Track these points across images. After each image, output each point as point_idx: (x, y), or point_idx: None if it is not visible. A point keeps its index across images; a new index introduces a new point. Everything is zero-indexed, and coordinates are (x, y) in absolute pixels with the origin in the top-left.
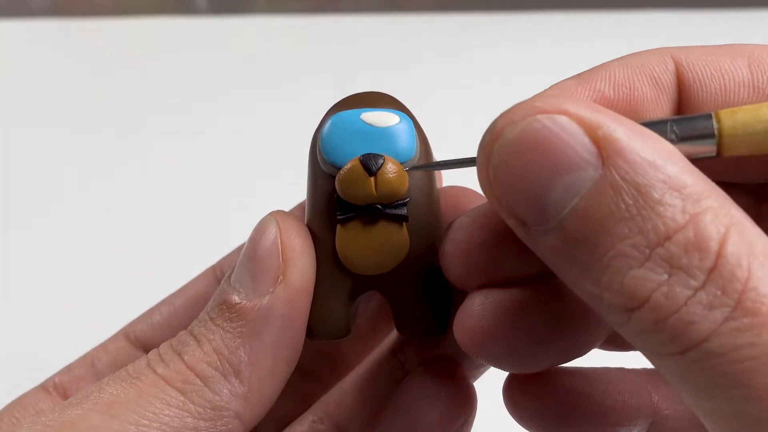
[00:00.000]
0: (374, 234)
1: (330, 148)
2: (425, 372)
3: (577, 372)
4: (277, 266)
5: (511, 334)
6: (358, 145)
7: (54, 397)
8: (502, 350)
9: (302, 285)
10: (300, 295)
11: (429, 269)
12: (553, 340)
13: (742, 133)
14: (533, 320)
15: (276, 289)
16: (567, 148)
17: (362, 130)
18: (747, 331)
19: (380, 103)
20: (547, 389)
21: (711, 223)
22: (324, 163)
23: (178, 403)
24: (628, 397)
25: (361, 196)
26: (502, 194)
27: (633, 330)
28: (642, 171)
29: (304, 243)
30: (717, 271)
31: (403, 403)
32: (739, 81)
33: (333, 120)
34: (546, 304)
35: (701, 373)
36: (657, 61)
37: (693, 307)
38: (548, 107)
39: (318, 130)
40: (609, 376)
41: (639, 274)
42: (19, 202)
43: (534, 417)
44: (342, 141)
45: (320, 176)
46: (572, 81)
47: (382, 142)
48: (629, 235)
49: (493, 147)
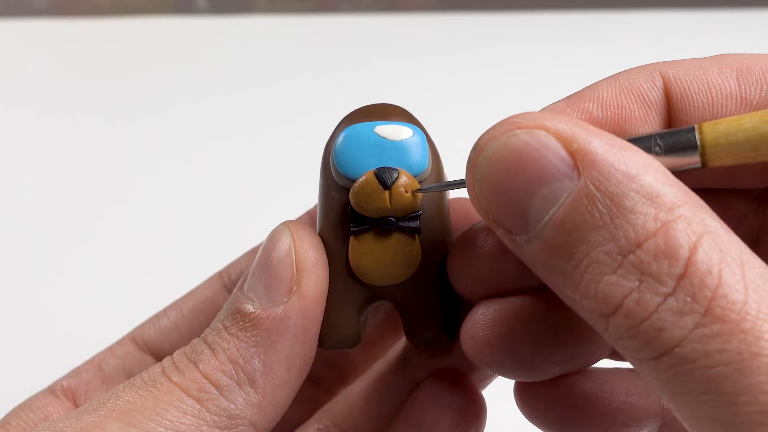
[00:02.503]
0: (387, 246)
1: (344, 161)
2: (435, 383)
3: (585, 373)
4: (291, 276)
5: (512, 343)
6: (372, 159)
7: (62, 400)
8: (505, 359)
9: (316, 295)
10: (313, 306)
11: (440, 280)
12: (555, 348)
13: (724, 143)
14: (534, 329)
15: (290, 300)
16: (544, 160)
17: (376, 144)
18: (717, 337)
19: (393, 115)
20: (555, 389)
21: (682, 231)
22: (338, 175)
23: (194, 411)
24: (636, 399)
25: (375, 209)
26: (488, 206)
27: (612, 336)
28: (615, 181)
29: (318, 254)
30: (687, 278)
31: (414, 414)
32: (726, 93)
33: (347, 132)
34: (546, 314)
35: (676, 378)
36: (644, 79)
37: (663, 314)
38: (526, 123)
39: (330, 141)
40: (617, 378)
41: (612, 281)
42: (19, 203)
43: (543, 416)
44: (356, 154)
45: (334, 188)
46: (561, 103)
47: (395, 155)
48: (603, 243)
49: (476, 161)
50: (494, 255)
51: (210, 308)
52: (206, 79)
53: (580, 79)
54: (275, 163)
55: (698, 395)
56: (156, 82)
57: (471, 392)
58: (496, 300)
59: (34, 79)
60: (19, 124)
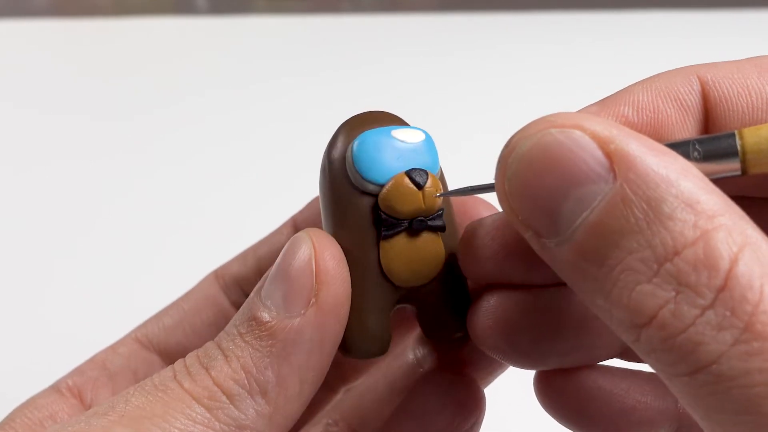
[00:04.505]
0: (418, 246)
1: (367, 166)
2: (437, 375)
3: (602, 368)
4: (310, 288)
5: (513, 331)
6: (396, 162)
7: (68, 398)
8: (505, 346)
9: (334, 309)
10: (331, 319)
11: (455, 275)
12: (554, 340)
13: (766, 149)
14: (533, 320)
15: (307, 312)
16: (579, 161)
17: (396, 147)
18: (757, 355)
19: (391, 122)
20: (570, 381)
21: (723, 241)
22: (359, 180)
23: (204, 420)
24: (652, 399)
25: (410, 210)
26: (517, 206)
27: (644, 349)
28: (654, 185)
29: (339, 266)
30: (727, 291)
31: (416, 405)
32: (766, 97)
33: (364, 139)
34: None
35: (711, 396)
36: (681, 82)
37: (701, 327)
38: (562, 122)
39: (332, 150)
40: (634, 377)
41: (646, 290)
42: (19, 202)
43: (557, 406)
44: (379, 158)
45: (354, 195)
46: (594, 107)
47: (415, 157)
48: (638, 249)
49: (507, 160)
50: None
51: (211, 307)
52: (206, 79)
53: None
54: (275, 162)
55: (735, 415)
56: (155, 82)
57: (471, 386)
58: (502, 291)
59: (34, 79)
60: (19, 124)
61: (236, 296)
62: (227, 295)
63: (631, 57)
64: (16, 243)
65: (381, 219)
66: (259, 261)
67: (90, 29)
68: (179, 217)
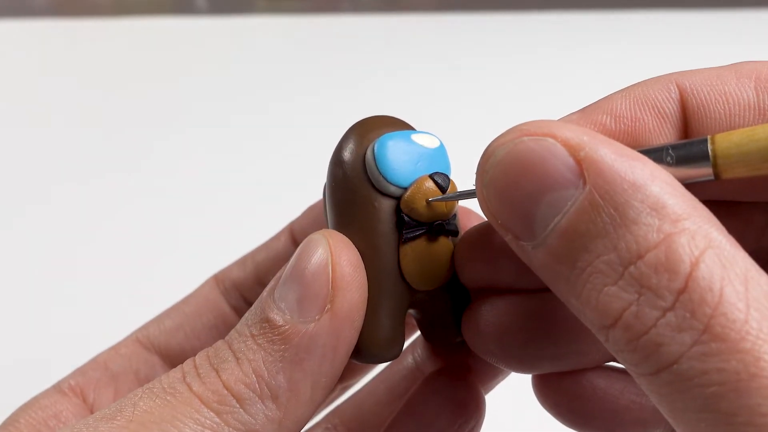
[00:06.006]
0: (435, 249)
1: (391, 169)
2: (437, 378)
3: (598, 369)
4: (326, 293)
5: (505, 335)
6: (417, 166)
7: (71, 398)
8: (497, 350)
9: (350, 316)
10: (346, 326)
11: (456, 280)
12: (545, 344)
13: (736, 154)
14: (525, 325)
15: (322, 318)
16: (550, 167)
17: (417, 152)
18: (715, 356)
19: (402, 126)
20: (566, 381)
21: (685, 244)
22: (382, 183)
23: (213, 425)
24: (646, 401)
25: (434, 214)
26: (495, 211)
27: (612, 349)
28: (621, 190)
29: (356, 272)
30: (687, 293)
31: (415, 407)
32: (744, 104)
33: (385, 142)
34: (537, 310)
35: (674, 395)
36: (660, 90)
37: (662, 329)
38: (534, 130)
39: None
40: (630, 378)
41: (612, 292)
42: (19, 204)
43: (555, 404)
44: (402, 162)
45: (374, 197)
46: (575, 115)
47: (434, 161)
48: (605, 252)
49: (485, 167)
50: (494, 257)
51: (211, 310)
52: (206, 79)
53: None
54: (275, 163)
55: (696, 413)
56: (155, 83)
57: (471, 388)
58: (495, 297)
59: (34, 79)
60: (19, 124)
61: (235, 300)
62: (227, 299)
63: (632, 57)
64: (18, 244)
65: (403, 222)
66: (257, 266)
67: (90, 29)
68: (179, 216)
